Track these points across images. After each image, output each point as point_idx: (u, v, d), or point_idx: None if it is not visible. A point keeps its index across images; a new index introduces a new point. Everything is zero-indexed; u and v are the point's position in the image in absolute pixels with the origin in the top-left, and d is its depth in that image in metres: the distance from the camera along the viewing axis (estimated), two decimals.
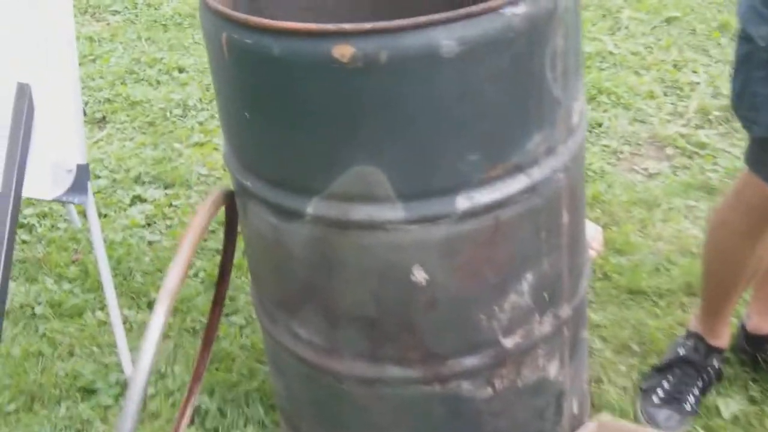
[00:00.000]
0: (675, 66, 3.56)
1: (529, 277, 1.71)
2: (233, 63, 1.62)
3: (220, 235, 1.89)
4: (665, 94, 3.38)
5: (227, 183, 3.08)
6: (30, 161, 2.13)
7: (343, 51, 1.48)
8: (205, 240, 2.84)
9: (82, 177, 2.18)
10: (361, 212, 1.61)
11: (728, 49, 3.64)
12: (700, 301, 2.36)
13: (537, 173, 1.65)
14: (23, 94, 2.11)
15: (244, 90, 1.64)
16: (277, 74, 1.56)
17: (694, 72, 3.52)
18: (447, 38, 1.47)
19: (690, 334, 2.39)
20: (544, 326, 1.78)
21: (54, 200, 2.19)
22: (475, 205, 1.60)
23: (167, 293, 1.53)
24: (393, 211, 1.60)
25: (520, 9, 1.51)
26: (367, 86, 1.51)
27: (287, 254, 1.74)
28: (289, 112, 1.59)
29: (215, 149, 3.29)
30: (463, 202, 1.59)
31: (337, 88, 1.52)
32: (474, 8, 1.48)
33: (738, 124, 3.19)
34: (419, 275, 1.63)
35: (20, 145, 2.02)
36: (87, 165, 2.17)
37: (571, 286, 1.83)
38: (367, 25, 1.47)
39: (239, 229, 1.97)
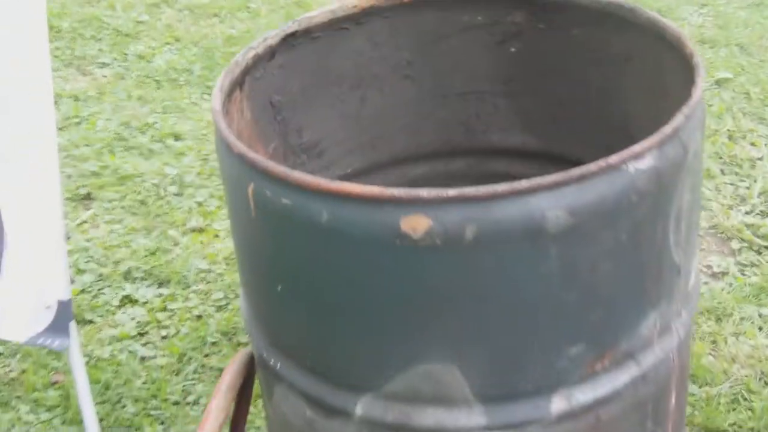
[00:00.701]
0: (730, 137, 3.18)
1: None
2: (263, 223, 1.26)
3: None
4: (723, 173, 3.01)
5: (232, 280, 2.73)
6: None
7: (416, 224, 1.13)
8: (207, 355, 2.45)
9: (63, 315, 1.80)
10: (427, 417, 1.29)
11: None
12: None
13: (649, 358, 1.35)
14: None
15: (276, 258, 1.27)
16: (323, 246, 1.20)
17: (753, 145, 3.14)
18: (553, 207, 1.14)
19: None
20: None
21: (27, 343, 1.80)
22: (573, 406, 1.28)
23: None
24: (470, 417, 1.28)
25: (646, 164, 1.18)
26: (446, 269, 1.17)
27: None
28: (335, 294, 1.23)
29: (216, 236, 2.90)
30: (559, 403, 1.29)
31: (405, 270, 1.17)
32: (589, 168, 1.12)
33: None
34: None
35: None
36: (70, 301, 1.79)
37: None
38: (450, 192, 1.11)
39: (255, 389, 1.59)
